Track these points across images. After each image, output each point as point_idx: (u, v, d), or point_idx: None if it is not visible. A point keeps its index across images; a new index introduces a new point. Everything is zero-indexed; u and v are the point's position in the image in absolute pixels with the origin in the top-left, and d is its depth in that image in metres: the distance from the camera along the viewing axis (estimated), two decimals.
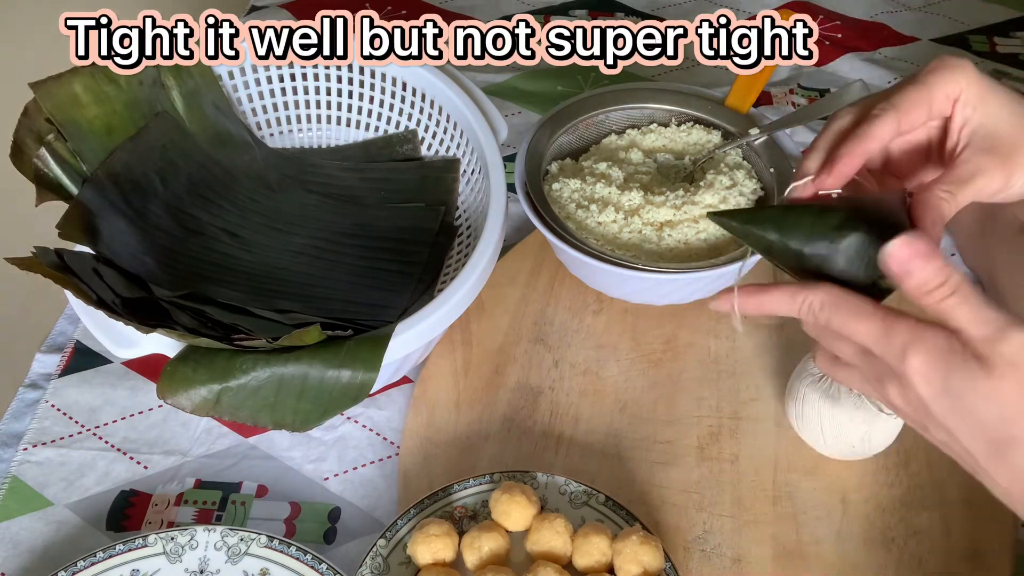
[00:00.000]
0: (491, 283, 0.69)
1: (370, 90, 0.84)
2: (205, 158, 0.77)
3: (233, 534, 0.63)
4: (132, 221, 0.70)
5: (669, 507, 0.66)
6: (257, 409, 0.61)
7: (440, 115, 0.81)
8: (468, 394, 0.73)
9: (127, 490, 0.68)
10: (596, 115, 0.83)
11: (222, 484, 0.69)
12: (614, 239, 0.74)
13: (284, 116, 0.86)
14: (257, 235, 0.78)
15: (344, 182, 0.84)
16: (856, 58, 1.08)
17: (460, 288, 0.65)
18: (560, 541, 0.61)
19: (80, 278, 0.61)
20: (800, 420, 0.67)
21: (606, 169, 0.77)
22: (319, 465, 0.70)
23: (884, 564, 0.63)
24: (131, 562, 0.62)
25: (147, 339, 0.61)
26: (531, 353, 0.76)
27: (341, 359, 0.61)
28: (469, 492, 0.65)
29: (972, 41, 1.11)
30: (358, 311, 0.73)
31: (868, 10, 1.16)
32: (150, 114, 0.74)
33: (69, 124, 0.69)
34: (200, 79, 0.77)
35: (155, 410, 0.73)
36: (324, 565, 0.61)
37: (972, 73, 0.51)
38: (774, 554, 0.64)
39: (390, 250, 0.79)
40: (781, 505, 0.66)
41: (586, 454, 0.70)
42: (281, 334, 0.60)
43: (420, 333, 0.63)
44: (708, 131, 0.82)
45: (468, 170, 0.80)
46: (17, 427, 0.72)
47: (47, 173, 0.67)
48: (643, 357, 0.76)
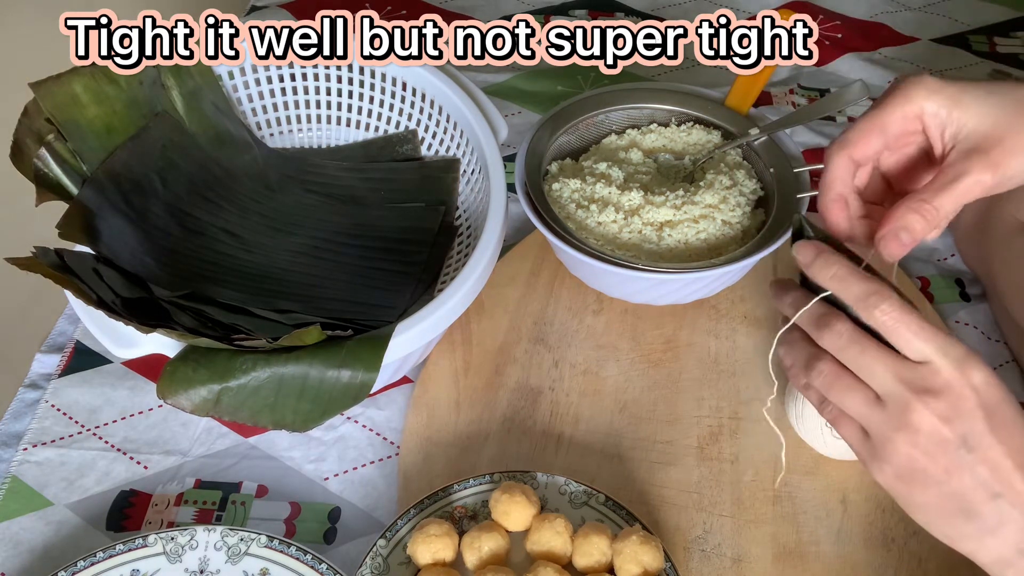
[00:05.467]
0: (491, 283, 0.69)
1: (370, 90, 0.84)
2: (205, 158, 0.77)
3: (233, 534, 0.63)
4: (132, 221, 0.70)
5: (669, 507, 0.66)
6: (257, 409, 0.61)
7: (440, 115, 0.81)
8: (468, 394, 0.73)
9: (127, 490, 0.68)
10: (596, 115, 0.83)
11: (222, 484, 0.69)
12: (614, 239, 0.74)
13: (284, 116, 0.86)
14: (257, 235, 0.78)
15: (344, 182, 0.84)
16: (856, 58, 1.08)
17: (460, 288, 0.65)
18: (560, 541, 0.61)
19: (80, 278, 0.61)
20: (800, 420, 0.67)
21: (606, 169, 0.77)
22: (319, 465, 0.70)
23: (884, 564, 0.63)
24: (131, 562, 0.62)
25: (147, 339, 0.61)
26: (531, 353, 0.76)
27: (341, 359, 0.61)
28: (469, 492, 0.65)
29: (972, 41, 1.11)
30: (358, 311, 0.73)
31: (868, 10, 1.16)
32: (150, 114, 0.74)
33: (69, 124, 0.69)
34: (200, 79, 0.77)
35: (155, 410, 0.73)
36: (324, 565, 0.61)
37: (931, 83, 0.52)
38: (774, 554, 0.64)
39: (390, 250, 0.79)
40: (781, 505, 0.66)
41: (586, 454, 0.70)
42: (281, 334, 0.60)
43: (420, 333, 0.63)
44: (708, 131, 0.82)
45: (468, 170, 0.80)
46: (17, 427, 0.72)
47: (47, 173, 0.67)
48: (643, 357, 0.76)
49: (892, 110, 0.53)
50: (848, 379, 0.49)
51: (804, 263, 0.50)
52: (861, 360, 0.48)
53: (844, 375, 0.49)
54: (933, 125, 0.53)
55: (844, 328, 0.48)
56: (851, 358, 0.48)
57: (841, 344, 0.48)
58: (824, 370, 0.49)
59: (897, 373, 0.47)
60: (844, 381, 0.49)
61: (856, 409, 0.49)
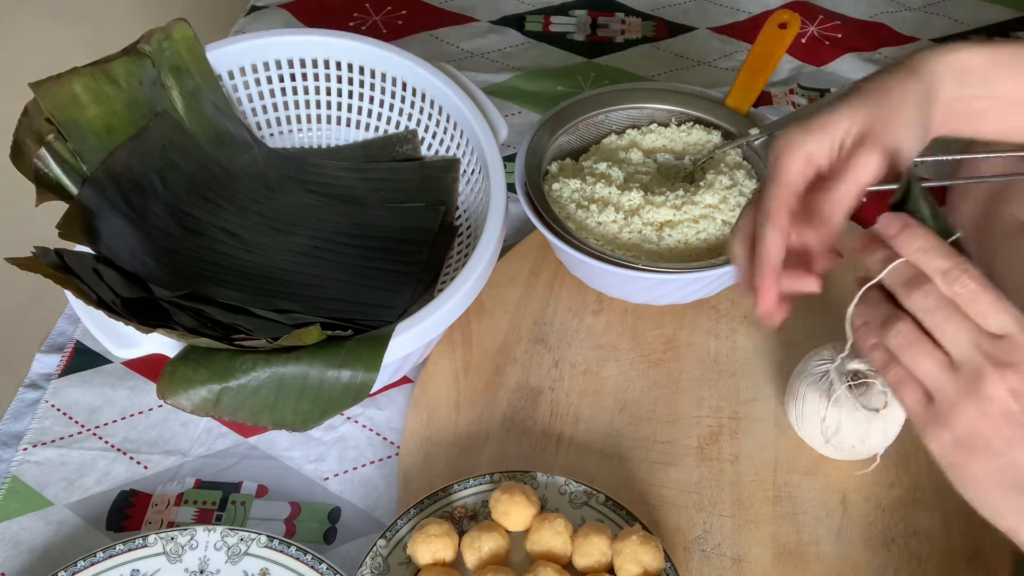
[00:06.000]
0: (491, 283, 0.69)
1: (370, 90, 0.84)
2: (205, 158, 0.77)
3: (233, 534, 0.63)
4: (132, 221, 0.70)
5: (669, 507, 0.66)
6: (257, 409, 0.61)
7: (440, 115, 0.81)
8: (468, 394, 0.73)
9: (127, 490, 0.68)
10: (596, 115, 0.83)
11: (222, 484, 0.69)
12: (614, 239, 0.74)
13: (284, 116, 0.86)
14: (257, 235, 0.78)
15: (344, 182, 0.84)
16: (856, 58, 1.08)
17: (460, 288, 0.65)
18: (560, 541, 0.61)
19: (80, 278, 0.61)
20: (800, 420, 0.67)
21: (606, 169, 0.77)
22: (319, 465, 0.70)
23: (884, 564, 0.63)
24: (131, 562, 0.62)
25: (147, 339, 0.61)
26: (531, 353, 0.76)
27: (341, 359, 0.61)
28: (469, 492, 0.65)
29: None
30: (358, 311, 0.73)
31: (868, 10, 1.16)
32: (150, 114, 0.74)
33: (69, 124, 0.69)
34: (200, 79, 0.77)
35: (155, 410, 0.73)
36: (324, 565, 0.61)
37: (808, 135, 0.54)
38: (774, 554, 0.64)
39: (390, 250, 0.79)
40: (781, 505, 0.66)
41: (586, 454, 0.70)
42: (281, 334, 0.60)
43: (420, 333, 0.63)
44: (708, 131, 0.82)
45: (468, 170, 0.80)
46: (17, 427, 0.72)
47: (47, 173, 0.67)
48: (643, 357, 0.76)
49: (787, 175, 0.54)
50: (926, 343, 0.49)
51: (890, 235, 0.50)
52: (947, 325, 0.48)
53: (922, 338, 0.49)
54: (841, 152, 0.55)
55: (934, 290, 0.48)
56: (937, 321, 0.48)
57: (929, 305, 0.48)
58: (903, 330, 0.49)
59: (978, 342, 0.47)
60: (922, 345, 0.48)
61: (928, 372, 0.48)
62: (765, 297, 0.55)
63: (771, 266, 0.54)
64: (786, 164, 0.54)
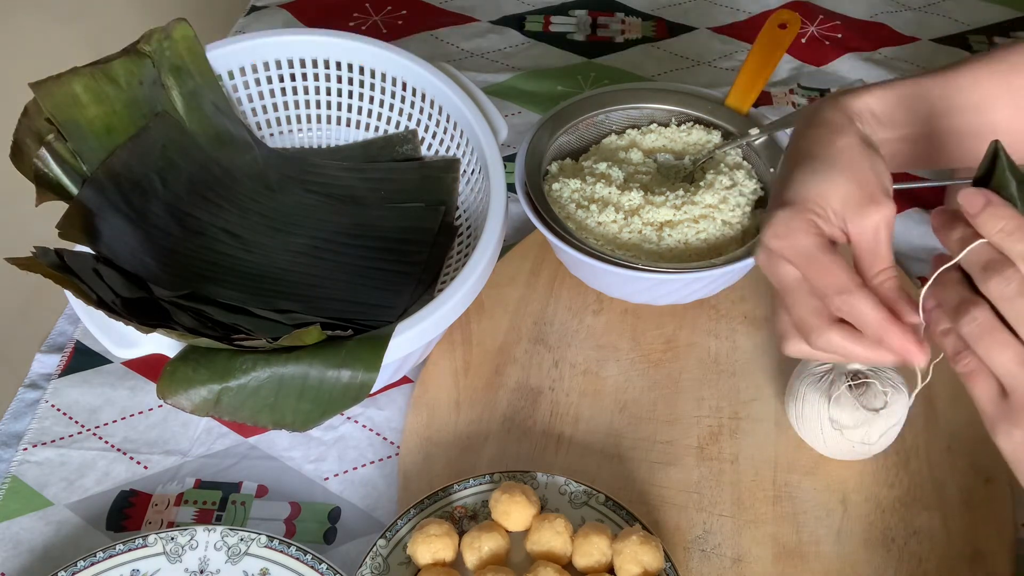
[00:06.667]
0: (491, 283, 0.69)
1: (370, 90, 0.84)
2: (205, 158, 0.77)
3: (233, 534, 0.63)
4: (132, 221, 0.70)
5: (669, 507, 0.66)
6: (257, 409, 0.61)
7: (440, 115, 0.81)
8: (468, 394, 0.73)
9: (127, 490, 0.68)
10: (596, 115, 0.83)
11: (222, 484, 0.69)
12: (614, 239, 0.74)
13: (284, 116, 0.86)
14: (257, 235, 0.78)
15: (344, 182, 0.84)
16: (856, 58, 1.08)
17: (460, 288, 0.65)
18: (560, 541, 0.61)
19: (80, 278, 0.61)
20: (800, 420, 0.67)
21: (606, 169, 0.77)
22: (319, 465, 0.70)
23: (884, 564, 0.63)
24: (131, 562, 0.62)
25: (147, 339, 0.61)
26: (531, 353, 0.76)
27: (341, 359, 0.61)
28: (469, 492, 0.65)
29: (972, 41, 1.11)
30: (358, 311, 0.73)
31: (868, 10, 1.16)
32: (150, 114, 0.74)
33: (69, 124, 0.69)
34: (200, 79, 0.77)
35: (155, 410, 0.73)
36: (324, 565, 0.61)
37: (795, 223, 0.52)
38: (774, 554, 0.64)
39: (390, 250, 0.79)
40: (781, 505, 0.66)
41: (586, 454, 0.70)
42: (281, 334, 0.60)
43: (420, 333, 0.63)
44: (708, 131, 0.82)
45: (468, 170, 0.80)
46: (17, 427, 0.72)
47: (47, 173, 0.67)
48: (643, 357, 0.76)
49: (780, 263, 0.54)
50: (1003, 333, 0.45)
51: (972, 212, 0.46)
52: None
53: (999, 327, 0.45)
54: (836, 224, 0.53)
55: (1016, 275, 0.45)
56: (1017, 310, 0.44)
57: (1009, 293, 0.44)
58: (979, 317, 0.45)
59: None
60: (999, 335, 0.45)
61: (1004, 365, 0.45)
62: (909, 353, 0.51)
63: (886, 326, 0.50)
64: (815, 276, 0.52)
